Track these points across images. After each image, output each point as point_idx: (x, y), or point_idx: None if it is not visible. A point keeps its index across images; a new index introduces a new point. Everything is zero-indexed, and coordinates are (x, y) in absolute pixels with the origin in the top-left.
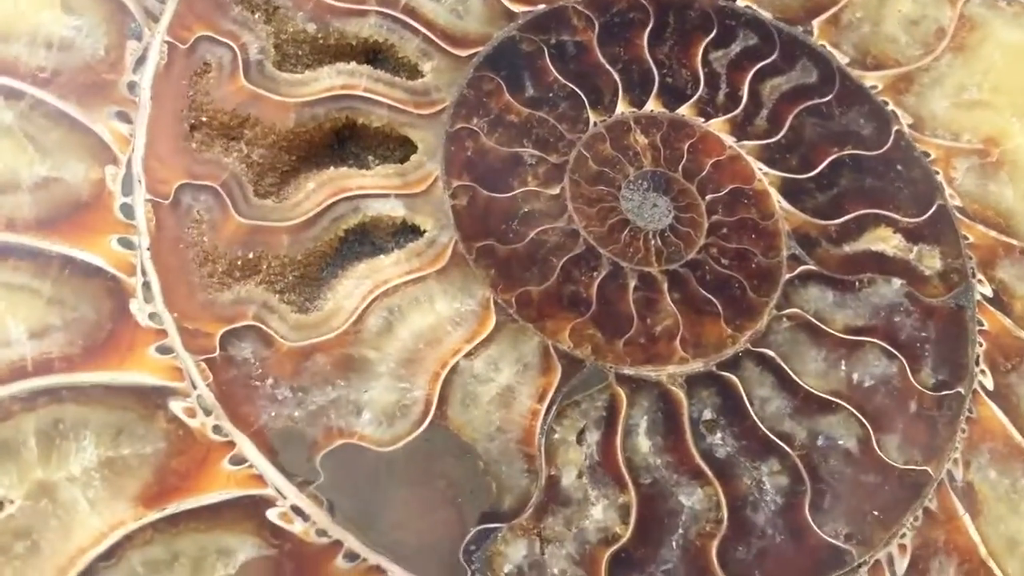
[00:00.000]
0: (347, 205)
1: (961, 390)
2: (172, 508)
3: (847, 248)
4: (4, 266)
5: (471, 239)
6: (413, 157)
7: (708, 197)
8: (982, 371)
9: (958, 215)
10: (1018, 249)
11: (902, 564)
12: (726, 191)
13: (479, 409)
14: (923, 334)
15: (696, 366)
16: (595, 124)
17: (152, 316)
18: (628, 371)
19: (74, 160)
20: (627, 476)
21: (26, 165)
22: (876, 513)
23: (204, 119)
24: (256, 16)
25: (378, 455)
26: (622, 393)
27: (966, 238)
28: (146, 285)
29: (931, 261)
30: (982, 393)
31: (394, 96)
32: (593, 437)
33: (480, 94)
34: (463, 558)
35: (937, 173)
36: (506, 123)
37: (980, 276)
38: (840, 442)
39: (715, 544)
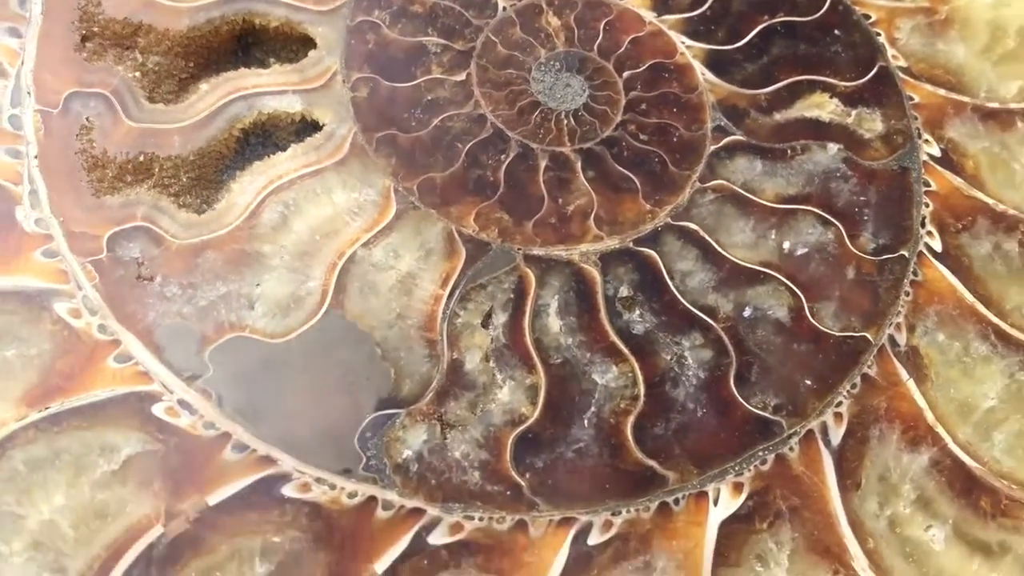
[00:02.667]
0: (242, 104)
1: (905, 253)
2: (55, 407)
3: (778, 116)
4: None
5: (371, 130)
6: (312, 53)
7: (626, 74)
8: (929, 233)
9: (902, 75)
10: (969, 106)
11: (837, 433)
12: (645, 67)
13: (378, 298)
14: (862, 199)
15: (611, 243)
16: (504, 9)
17: (38, 222)
18: (537, 251)
19: None
20: (536, 357)
21: None
22: (808, 382)
23: (96, 29)
24: None
25: (270, 347)
26: (531, 274)
27: (911, 99)
28: (33, 192)
29: (871, 124)
30: (929, 255)
31: None
32: (500, 320)
33: None
34: (358, 445)
35: (879, 35)
36: (409, 14)
37: (927, 136)
38: (769, 313)
39: (630, 420)
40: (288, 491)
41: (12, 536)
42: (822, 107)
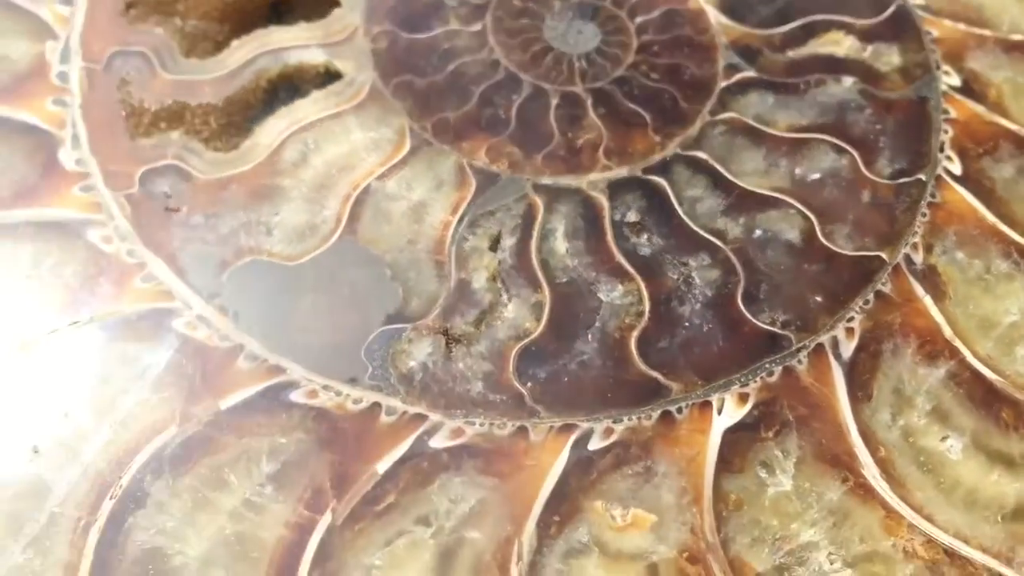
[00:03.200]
0: (269, 58)
1: (922, 176)
2: (83, 320)
3: (792, 54)
4: None
5: (389, 76)
6: (335, 11)
7: (638, 19)
8: (948, 157)
9: (921, 12)
10: (992, 39)
11: (849, 347)
12: (658, 13)
13: (390, 224)
14: (878, 127)
15: (620, 172)
16: None
17: (78, 161)
18: (546, 181)
19: (19, 40)
20: (541, 277)
21: None
22: (819, 299)
23: None
24: None
25: (285, 268)
26: (539, 201)
27: (930, 33)
28: (75, 137)
29: (889, 58)
30: (948, 179)
31: None
32: (508, 243)
33: None
34: (365, 356)
35: None
36: None
37: (947, 68)
38: (780, 234)
39: (635, 335)
40: (296, 397)
41: (37, 435)
42: (838, 44)
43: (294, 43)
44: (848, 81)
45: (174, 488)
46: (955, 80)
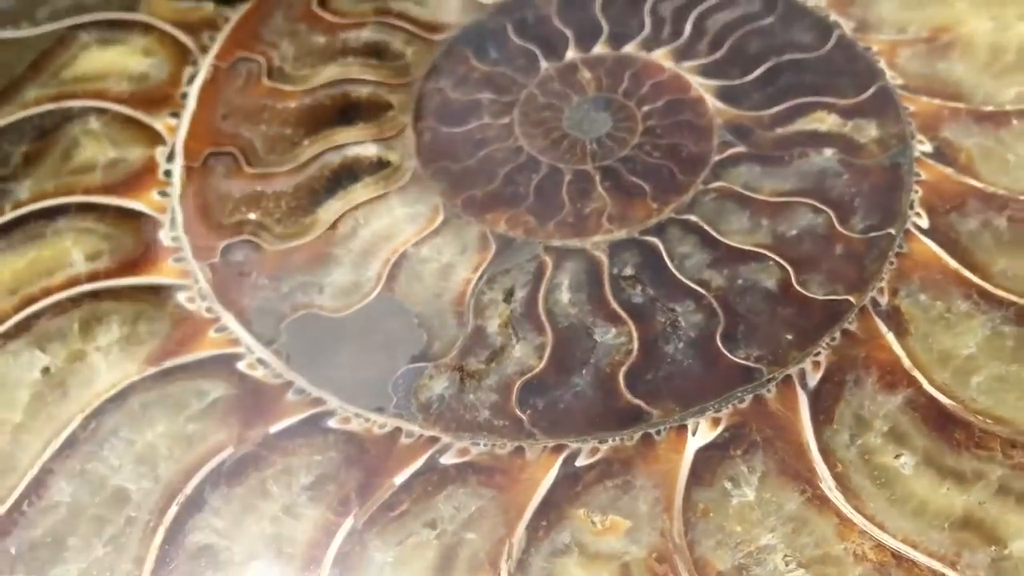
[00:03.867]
0: (332, 153)
1: (892, 231)
2: (167, 364)
3: (780, 131)
4: (78, 216)
5: (430, 163)
6: (388, 113)
7: (644, 108)
8: (917, 214)
9: (900, 91)
10: (964, 111)
11: (814, 378)
12: (662, 102)
13: (421, 283)
14: (853, 190)
15: (620, 234)
16: (546, 69)
17: (174, 239)
18: (556, 243)
19: (137, 147)
20: (546, 322)
21: (101, 154)
22: (790, 337)
23: (233, 108)
24: (283, 40)
25: (331, 319)
26: (549, 260)
27: (907, 108)
28: (172, 220)
29: (867, 131)
30: (915, 232)
31: (380, 74)
32: (519, 295)
33: (450, 63)
34: (391, 389)
35: (879, 61)
36: (469, 80)
37: (920, 137)
38: (759, 283)
39: (623, 370)
40: (332, 423)
41: (124, 454)
42: (822, 121)
43: (353, 139)
44: (828, 152)
45: (227, 496)
46: (928, 147)
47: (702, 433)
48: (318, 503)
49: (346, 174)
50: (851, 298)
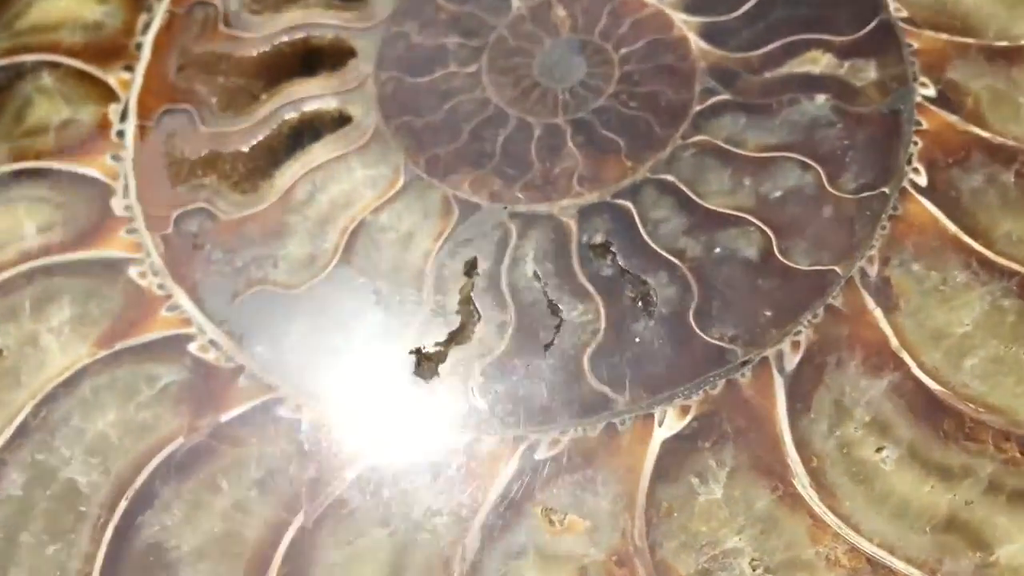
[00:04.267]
0: (290, 108)
1: (886, 190)
2: (119, 346)
3: (768, 75)
4: (30, 184)
5: (392, 118)
6: (350, 62)
7: (623, 51)
8: (915, 170)
9: (903, 25)
10: (974, 47)
11: (792, 360)
12: (642, 43)
13: (380, 253)
14: (847, 143)
15: (591, 197)
16: (518, 7)
17: (127, 208)
18: (522, 208)
19: (89, 104)
20: (509, 299)
21: (55, 113)
22: (769, 314)
23: (189, 60)
24: None
25: (286, 296)
26: (513, 228)
27: (910, 46)
28: (126, 186)
29: (865, 73)
30: (912, 191)
31: (343, 17)
32: (482, 267)
33: (416, 3)
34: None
35: None
36: (436, 22)
37: (923, 79)
38: (737, 252)
39: (588, 352)
40: (283, 412)
41: (74, 444)
42: (815, 62)
43: (313, 93)
44: (821, 99)
45: (178, 491)
46: (931, 91)
47: (669, 423)
48: (268, 499)
49: (306, 131)
50: (837, 268)
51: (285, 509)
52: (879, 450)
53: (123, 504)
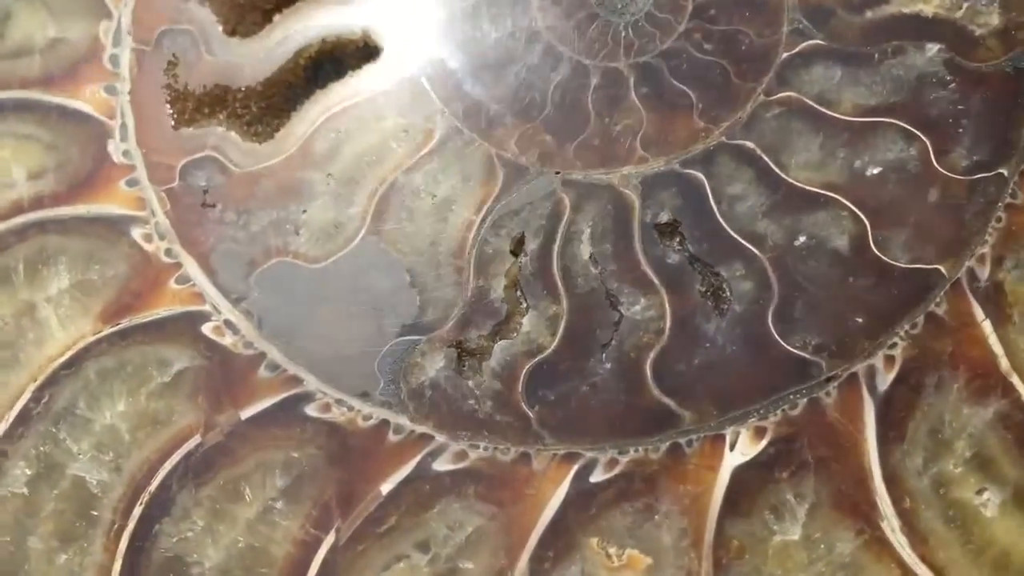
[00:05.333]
0: (305, 34)
1: (1004, 171)
2: (124, 323)
3: (870, 14)
4: (16, 118)
5: (426, 53)
6: None
7: None
8: None
9: None
10: None
11: (886, 379)
12: None
13: (414, 223)
14: (960, 108)
15: (656, 165)
16: None
17: (125, 153)
18: (576, 176)
19: (78, 19)
20: (561, 286)
21: (39, 29)
22: (860, 320)
23: None
24: None
25: (309, 271)
26: (566, 199)
27: None
28: (123, 126)
29: (986, 18)
30: None
31: None
32: (531, 247)
33: None
34: (378, 369)
35: None
36: None
37: None
38: (826, 241)
39: (652, 356)
40: (311, 410)
41: (82, 437)
42: (927, 1)
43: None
44: (932, 49)
45: (196, 497)
46: None
47: (743, 446)
48: (296, 512)
49: (326, 63)
50: (942, 267)
51: (315, 525)
52: (980, 492)
53: (138, 510)
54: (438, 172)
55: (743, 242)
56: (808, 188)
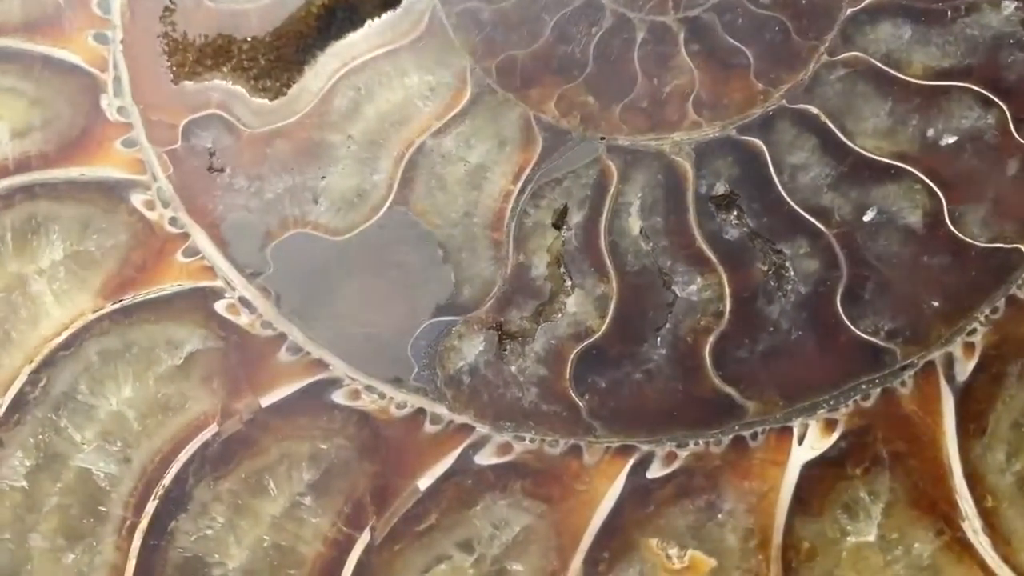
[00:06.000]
0: None
1: None
2: (128, 300)
3: None
4: None
5: (453, 2)
6: None
7: None
8: None
9: None
10: None
11: (965, 367)
12: None
13: (446, 192)
14: None
15: (711, 131)
16: None
17: (120, 110)
18: (623, 141)
19: None
20: (609, 263)
21: None
22: (936, 304)
23: None
24: None
25: (331, 244)
26: (613, 167)
27: None
28: (117, 80)
29: None
30: None
31: None
32: (575, 219)
33: None
34: (411, 353)
35: None
36: None
37: None
38: (897, 217)
39: (710, 340)
40: (338, 397)
41: (85, 425)
42: None
43: None
44: (1009, 7)
45: (215, 491)
46: None
47: (811, 440)
48: (326, 508)
49: (342, 11)
50: (1023, 246)
51: (347, 523)
52: None
53: (152, 505)
54: (470, 135)
55: (807, 216)
56: (877, 158)
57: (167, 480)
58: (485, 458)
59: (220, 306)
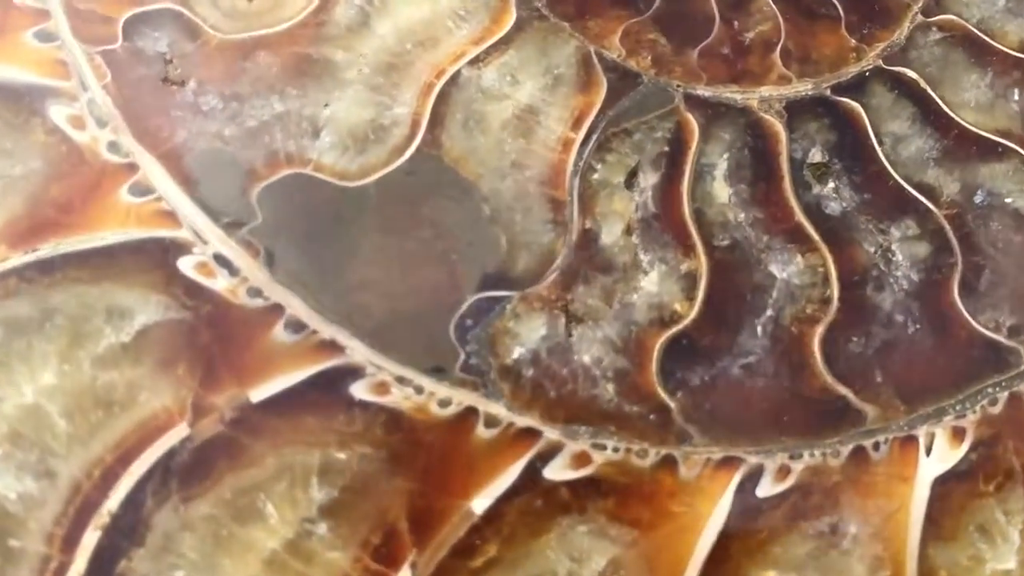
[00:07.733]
0: None
1: None
2: (47, 250)
3: None
4: None
5: None
6: None
7: None
8: None
9: None
10: None
11: None
12: None
13: (488, 136)
14: None
15: (802, 87)
16: None
17: None
18: (703, 92)
19: None
20: (695, 235)
21: None
22: None
23: None
24: None
25: (341, 191)
26: (693, 121)
27: None
28: None
29: None
30: None
31: None
32: (649, 180)
33: None
34: (455, 336)
35: None
36: None
37: None
38: (1008, 200)
39: (819, 331)
40: (359, 391)
41: None
42: None
43: None
44: None
45: (185, 518)
46: None
47: (940, 451)
48: (346, 538)
49: None
50: None
51: (376, 557)
52: None
53: (90, 537)
54: (516, 68)
55: (914, 193)
56: (984, 134)
57: (112, 503)
58: (557, 472)
59: (186, 264)
